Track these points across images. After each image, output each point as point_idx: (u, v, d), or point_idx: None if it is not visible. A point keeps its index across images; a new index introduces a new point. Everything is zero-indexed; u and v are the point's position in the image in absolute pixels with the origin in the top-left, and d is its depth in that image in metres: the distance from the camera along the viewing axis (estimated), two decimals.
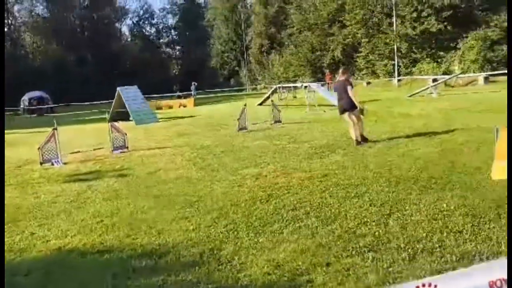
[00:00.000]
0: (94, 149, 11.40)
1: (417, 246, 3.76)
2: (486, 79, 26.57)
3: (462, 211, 4.54)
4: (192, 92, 39.21)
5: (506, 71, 25.08)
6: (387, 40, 34.64)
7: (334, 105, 17.25)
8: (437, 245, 3.75)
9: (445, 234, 3.99)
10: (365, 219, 4.54)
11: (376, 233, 4.13)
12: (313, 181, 6.36)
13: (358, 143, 9.16)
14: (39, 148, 9.75)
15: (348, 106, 9.49)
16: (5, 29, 59.77)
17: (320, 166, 7.38)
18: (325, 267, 3.49)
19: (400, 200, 5.13)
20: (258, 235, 4.33)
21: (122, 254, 4.11)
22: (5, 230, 5.12)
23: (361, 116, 9.61)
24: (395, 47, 33.66)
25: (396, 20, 33.60)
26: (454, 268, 3.29)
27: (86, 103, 34.50)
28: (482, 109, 13.93)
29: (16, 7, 62.84)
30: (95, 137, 14.57)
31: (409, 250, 3.68)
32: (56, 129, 9.98)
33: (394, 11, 33.65)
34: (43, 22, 62.97)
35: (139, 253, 4.11)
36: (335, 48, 40.09)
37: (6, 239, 4.77)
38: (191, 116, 21.39)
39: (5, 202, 6.55)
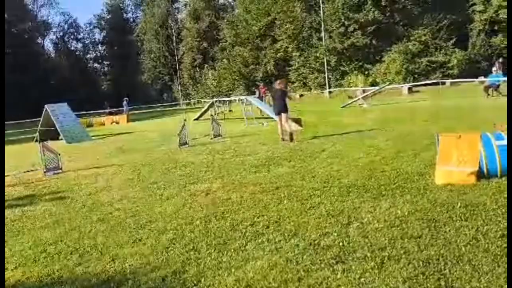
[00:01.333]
0: (25, 172, 10.59)
1: (383, 254, 3.79)
2: (409, 89, 28.32)
3: (417, 216, 4.67)
4: (124, 108, 38.02)
5: (427, 82, 26.93)
6: (317, 54, 35.87)
7: (272, 118, 17.54)
8: (401, 252, 3.80)
9: (406, 240, 4.07)
10: (326, 230, 4.53)
11: (340, 243, 4.12)
12: (266, 195, 6.29)
13: (283, 139, 11.69)
14: None
15: (282, 109, 12.01)
16: None
17: (270, 179, 7.34)
18: (297, 283, 3.41)
19: (355, 208, 5.20)
20: (220, 254, 4.16)
21: (76, 285, 3.76)
22: None
23: (289, 118, 12.27)
24: (325, 60, 34.93)
25: (324, 35, 34.95)
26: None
27: (9, 122, 32.28)
28: (412, 117, 14.73)
29: None
30: (23, 159, 13.60)
31: (376, 259, 3.69)
32: None
33: (322, 26, 34.99)
34: None
35: (94, 283, 3.78)
36: (267, 62, 40.88)
37: None
38: (127, 133, 20.68)
39: None
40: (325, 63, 35.04)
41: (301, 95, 36.66)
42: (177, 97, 56.75)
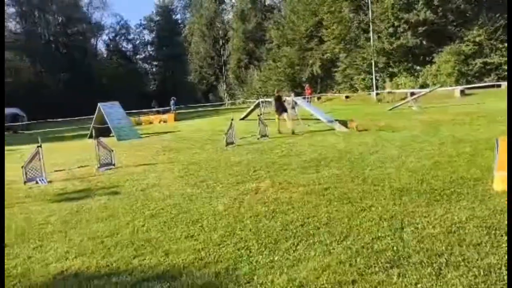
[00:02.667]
0: (79, 167, 11.05)
1: (440, 260, 3.68)
2: (462, 92, 27.25)
3: (475, 223, 4.50)
4: (172, 107, 38.87)
5: (481, 85, 25.81)
6: (365, 55, 35.23)
7: (318, 119, 17.41)
8: (460, 259, 3.67)
9: (464, 247, 3.93)
10: (379, 234, 4.45)
11: (395, 247, 4.04)
12: (315, 196, 6.25)
13: (279, 132, 15.12)
14: (23, 167, 9.36)
15: (283, 110, 16.14)
16: None
17: (318, 180, 7.29)
18: (351, 285, 3.37)
19: (408, 213, 5.07)
20: (272, 253, 4.18)
21: (132, 278, 3.89)
22: None
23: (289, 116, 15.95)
24: (373, 61, 34.25)
25: (373, 36, 34.27)
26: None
27: (62, 119, 33.79)
28: (466, 121, 14.18)
29: None
30: (77, 154, 14.19)
31: (433, 265, 3.59)
32: (40, 146, 9.62)
33: (371, 27, 34.33)
34: (16, 38, 61.74)
35: (150, 276, 3.89)
36: (313, 63, 40.60)
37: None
38: (174, 131, 21.12)
39: None
40: (373, 64, 34.35)
41: (347, 97, 36.13)
42: (222, 97, 57.44)
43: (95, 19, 69.44)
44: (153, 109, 40.02)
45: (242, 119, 23.36)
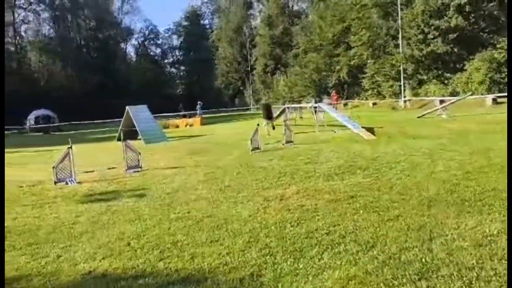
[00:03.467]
0: (107, 169, 11.26)
1: (470, 274, 3.58)
2: (494, 100, 26.53)
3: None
4: (198, 111, 39.25)
5: None
6: (393, 62, 34.75)
7: (344, 126, 17.27)
8: (491, 273, 3.56)
9: (496, 261, 3.81)
10: (407, 244, 4.36)
11: (423, 259, 3.95)
12: (341, 203, 6.19)
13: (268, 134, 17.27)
14: (53, 167, 9.60)
15: (271, 116, 19.88)
16: (12, 49, 60.45)
17: (344, 188, 7.21)
18: None
19: (437, 224, 4.96)
20: (297, 261, 4.15)
21: (158, 280, 3.93)
22: (29, 252, 4.95)
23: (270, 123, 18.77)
24: (401, 68, 33.76)
25: (402, 42, 33.79)
26: None
27: (92, 121, 34.56)
28: (497, 130, 13.80)
29: (23, 27, 63.59)
30: (105, 156, 14.48)
31: (464, 279, 3.50)
32: (71, 147, 9.86)
33: (400, 33, 33.88)
34: (49, 42, 63.65)
35: (175, 279, 3.92)
36: (340, 69, 40.32)
37: (31, 263, 4.60)
38: (200, 135, 21.32)
39: (24, 221, 6.40)
40: (401, 71, 33.84)
41: (374, 104, 35.70)
42: (248, 102, 57.65)
43: (125, 24, 71.05)
44: (180, 113, 40.50)
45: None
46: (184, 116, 38.28)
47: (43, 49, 62.79)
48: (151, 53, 75.89)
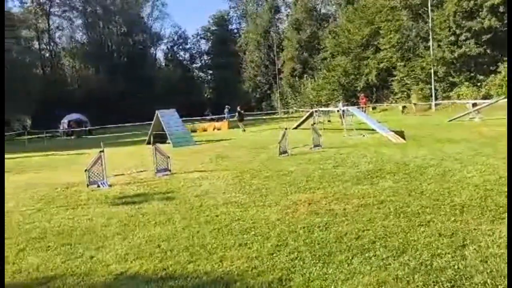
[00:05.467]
0: (137, 172, 11.47)
1: (505, 282, 3.48)
2: None
3: None
4: (226, 115, 39.53)
5: None
6: (424, 64, 34.12)
7: (373, 129, 17.05)
8: None
9: None
10: (439, 251, 4.28)
11: (455, 266, 3.87)
12: (370, 208, 6.12)
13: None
14: (86, 170, 9.85)
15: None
16: (47, 55, 62.45)
17: (373, 193, 7.12)
18: None
19: (470, 230, 4.84)
20: (325, 265, 4.13)
21: (187, 282, 3.98)
22: (64, 252, 5.10)
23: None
24: (432, 71, 33.10)
25: (432, 44, 33.15)
26: None
27: (122, 125, 35.28)
28: None
29: (57, 34, 65.66)
30: (135, 159, 14.75)
31: (499, 287, 3.40)
32: (103, 151, 10.09)
33: (430, 35, 33.25)
34: (82, 47, 65.47)
35: (205, 281, 3.97)
36: (369, 72, 39.88)
37: (66, 263, 4.73)
38: (227, 139, 21.45)
39: (59, 223, 6.59)
40: (432, 74, 33.18)
41: (403, 107, 35.09)
42: (275, 106, 57.67)
43: (155, 29, 72.28)
44: (208, 117, 40.88)
45: (295, 128, 23.33)
46: (212, 120, 38.62)
47: (76, 55, 64.69)
48: (180, 58, 77.04)
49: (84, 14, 64.94)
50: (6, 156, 20.67)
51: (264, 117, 46.97)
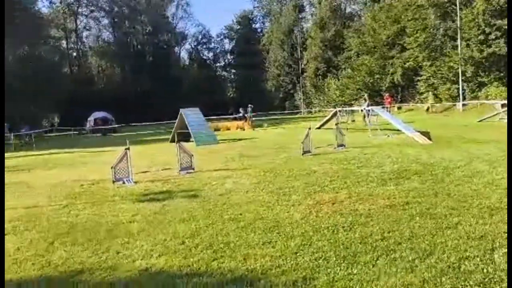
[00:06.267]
0: (162, 169, 11.60)
1: None
2: None
3: None
4: (249, 114, 39.55)
5: None
6: (451, 63, 33.37)
7: (398, 130, 16.80)
8: None
9: None
10: (467, 254, 4.19)
11: (485, 270, 3.78)
12: (396, 209, 6.04)
13: None
14: (112, 167, 10.02)
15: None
16: (74, 54, 63.81)
17: (399, 193, 7.02)
18: None
19: (500, 233, 4.72)
20: (350, 266, 4.09)
21: (211, 279, 4.00)
22: (91, 247, 5.20)
23: None
24: (460, 70, 32.36)
25: (461, 43, 32.41)
26: None
27: (146, 123, 35.72)
28: None
29: (84, 33, 66.97)
30: (159, 157, 14.91)
31: None
32: (128, 149, 10.24)
33: (459, 34, 32.52)
34: (108, 47, 66.61)
35: (228, 279, 3.99)
36: (394, 72, 39.27)
37: (93, 257, 4.83)
38: (250, 138, 21.48)
39: (85, 218, 6.72)
40: (460, 73, 32.44)
41: (430, 107, 34.42)
42: (298, 105, 57.44)
43: (179, 29, 72.86)
44: (231, 116, 41.01)
45: (319, 128, 23.16)
46: (235, 119, 38.70)
47: (102, 54, 65.84)
48: (203, 57, 77.40)
49: (111, 14, 66.04)
50: (34, 152, 21.24)
51: (287, 116, 46.83)
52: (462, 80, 32.47)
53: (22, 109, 38.91)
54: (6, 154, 20.16)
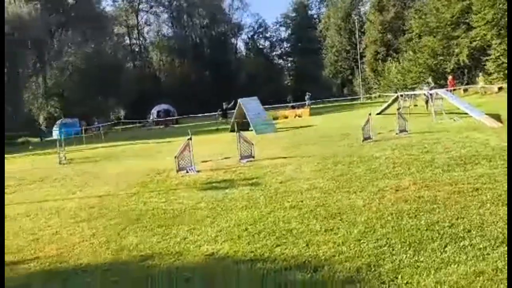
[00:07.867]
0: (223, 158, 11.84)
1: None
2: None
3: None
4: (307, 102, 39.29)
5: None
6: None
7: (466, 113, 15.98)
8: None
9: None
10: None
11: None
12: (464, 196, 5.79)
13: None
14: (175, 157, 10.38)
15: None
16: (136, 50, 66.34)
17: (467, 179, 6.71)
18: None
19: None
20: (416, 253, 3.99)
21: (275, 265, 4.07)
22: (159, 233, 5.46)
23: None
24: None
25: None
26: None
27: (206, 114, 36.50)
28: None
29: (145, 29, 69.37)
30: (220, 146, 15.22)
31: None
32: (190, 139, 10.56)
33: None
34: (168, 41, 68.56)
35: (292, 264, 4.04)
36: (460, 52, 37.22)
37: (161, 243, 5.06)
38: (309, 126, 21.34)
39: (153, 206, 7.05)
40: None
41: (499, 88, 32.35)
42: (357, 91, 56.14)
43: (236, 19, 73.39)
44: (289, 104, 40.90)
45: (379, 113, 22.52)
46: (293, 107, 38.55)
47: (163, 48, 67.92)
48: (260, 46, 77.51)
49: (170, 8, 67.84)
50: (103, 144, 22.45)
51: (346, 103, 45.95)
52: None
53: (92, 104, 41.18)
54: (80, 146, 21.49)
